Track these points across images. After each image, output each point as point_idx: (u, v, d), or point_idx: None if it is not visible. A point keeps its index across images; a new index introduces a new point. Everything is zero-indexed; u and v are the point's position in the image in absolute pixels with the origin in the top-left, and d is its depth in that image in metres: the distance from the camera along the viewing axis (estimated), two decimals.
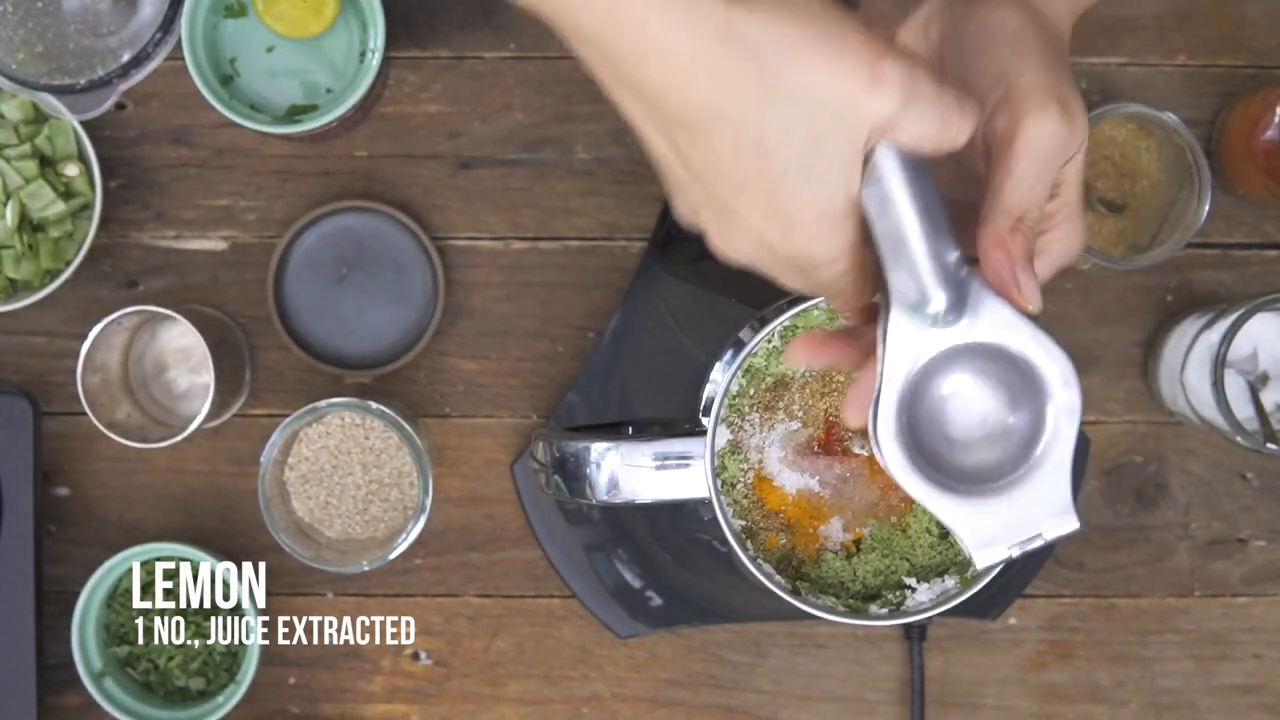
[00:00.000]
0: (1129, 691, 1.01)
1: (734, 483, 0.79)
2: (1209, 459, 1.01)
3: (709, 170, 0.54)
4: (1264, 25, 1.01)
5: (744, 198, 0.55)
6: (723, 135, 0.53)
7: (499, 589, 1.01)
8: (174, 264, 1.00)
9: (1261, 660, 1.02)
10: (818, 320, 0.79)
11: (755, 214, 0.55)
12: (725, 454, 0.79)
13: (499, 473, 1.01)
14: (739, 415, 0.79)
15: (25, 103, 0.95)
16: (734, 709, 1.01)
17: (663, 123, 0.54)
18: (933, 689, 1.01)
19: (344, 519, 0.97)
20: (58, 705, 0.99)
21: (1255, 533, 1.01)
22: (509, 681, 1.01)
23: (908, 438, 0.57)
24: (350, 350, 0.99)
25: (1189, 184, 0.92)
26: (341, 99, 0.94)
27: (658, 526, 0.95)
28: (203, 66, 0.94)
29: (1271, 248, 1.01)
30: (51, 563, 0.99)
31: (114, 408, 0.95)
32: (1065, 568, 1.01)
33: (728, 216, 0.56)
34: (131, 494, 1.00)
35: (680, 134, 0.54)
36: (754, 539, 0.79)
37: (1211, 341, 0.91)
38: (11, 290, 0.96)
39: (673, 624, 0.99)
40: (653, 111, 0.54)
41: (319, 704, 1.00)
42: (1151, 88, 1.01)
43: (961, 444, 0.58)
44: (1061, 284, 1.01)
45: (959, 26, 0.62)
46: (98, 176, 0.95)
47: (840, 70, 0.52)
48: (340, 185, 1.00)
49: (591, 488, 0.77)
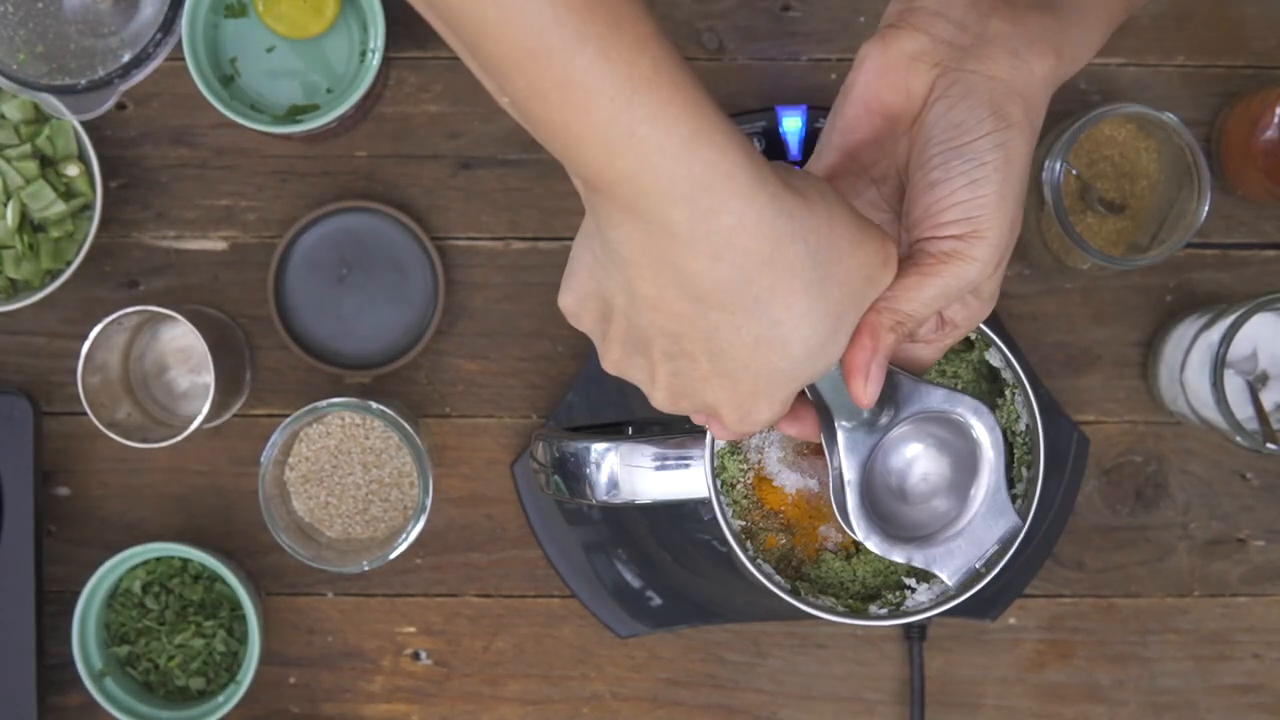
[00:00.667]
0: (1129, 691, 1.01)
1: (734, 483, 0.79)
2: (1209, 459, 1.01)
3: (703, 341, 0.56)
4: (1263, 25, 1.01)
5: (728, 371, 0.56)
6: (749, 313, 0.54)
7: (499, 589, 1.01)
8: (174, 264, 1.00)
9: (1261, 660, 1.02)
10: None
11: (724, 386, 0.57)
12: (725, 454, 0.79)
13: (499, 473, 1.01)
14: None
15: (26, 103, 0.95)
16: (734, 709, 1.01)
17: (681, 282, 0.54)
18: (933, 689, 1.01)
19: (344, 519, 0.97)
20: (58, 705, 0.99)
21: (1255, 533, 1.01)
22: (509, 681, 1.01)
23: (870, 514, 0.64)
24: (350, 350, 0.99)
25: (1189, 184, 0.92)
26: (342, 99, 0.94)
27: (658, 526, 0.95)
28: (203, 67, 0.94)
29: (1271, 248, 1.01)
30: (52, 563, 0.99)
31: (114, 408, 0.95)
32: (1065, 568, 1.01)
33: (685, 381, 0.58)
34: (132, 494, 1.00)
35: (695, 297, 0.54)
36: (754, 539, 0.79)
37: (1211, 341, 0.91)
38: (12, 290, 0.96)
39: (673, 624, 0.99)
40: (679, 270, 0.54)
41: (319, 704, 1.00)
42: (1151, 88, 1.01)
43: (914, 501, 0.66)
44: (1061, 284, 1.01)
45: (965, 114, 0.62)
46: (98, 177, 0.95)
47: (869, 251, 0.56)
48: (340, 185, 1.00)
49: (591, 488, 0.77)
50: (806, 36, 1.01)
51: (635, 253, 0.54)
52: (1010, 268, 1.01)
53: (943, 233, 0.61)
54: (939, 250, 0.60)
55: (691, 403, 0.59)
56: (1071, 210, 0.95)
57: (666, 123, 0.50)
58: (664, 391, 0.59)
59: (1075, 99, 1.00)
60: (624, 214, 0.53)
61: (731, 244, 0.52)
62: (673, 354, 0.57)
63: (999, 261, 0.62)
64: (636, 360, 0.59)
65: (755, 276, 0.53)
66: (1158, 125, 0.92)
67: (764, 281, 0.54)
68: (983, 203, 0.60)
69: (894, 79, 0.63)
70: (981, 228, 0.60)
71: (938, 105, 0.62)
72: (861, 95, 0.64)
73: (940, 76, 0.62)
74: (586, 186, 0.53)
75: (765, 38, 1.01)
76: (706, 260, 0.53)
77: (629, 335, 0.58)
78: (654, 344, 0.57)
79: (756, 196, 0.52)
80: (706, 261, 0.53)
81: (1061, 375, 1.01)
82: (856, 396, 0.60)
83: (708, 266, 0.53)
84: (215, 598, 0.97)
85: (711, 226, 0.52)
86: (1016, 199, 0.61)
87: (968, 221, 0.60)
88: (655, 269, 0.54)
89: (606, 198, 0.53)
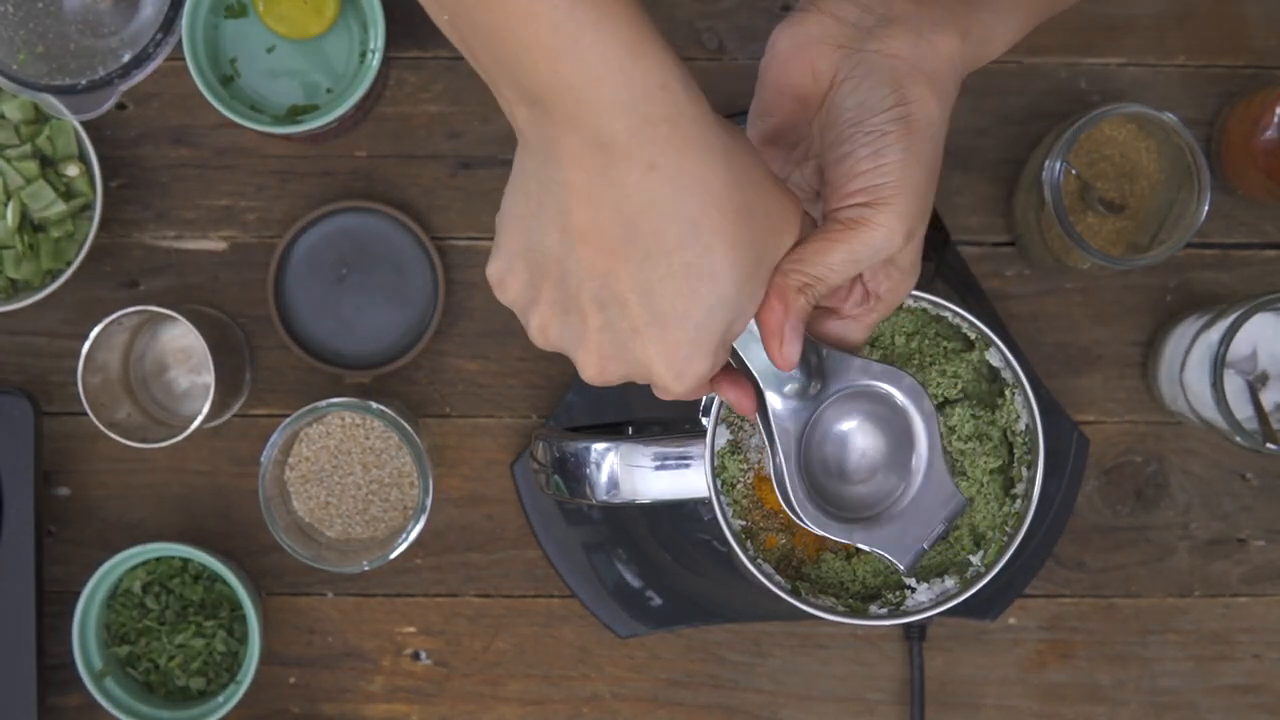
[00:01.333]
0: (1129, 691, 1.01)
1: (734, 483, 0.79)
2: (1209, 459, 1.01)
3: (634, 276, 0.56)
4: (1264, 25, 1.01)
5: (658, 313, 0.56)
6: (681, 238, 0.55)
7: (499, 589, 1.01)
8: (174, 264, 1.00)
9: (1261, 660, 1.02)
10: None
11: (655, 339, 0.57)
12: (725, 454, 0.79)
13: (499, 473, 1.01)
14: (739, 415, 0.79)
15: (26, 103, 0.95)
16: (734, 709, 1.01)
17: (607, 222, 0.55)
18: (933, 689, 1.01)
19: (344, 519, 0.97)
20: (58, 705, 0.99)
21: (1255, 533, 1.01)
22: (509, 681, 1.01)
23: (813, 495, 0.65)
24: (350, 350, 0.99)
25: (1189, 184, 0.92)
26: (342, 99, 0.94)
27: (658, 526, 0.95)
28: (203, 67, 0.94)
29: (1271, 248, 1.01)
30: (52, 563, 0.99)
31: (114, 408, 0.95)
32: (1065, 568, 1.01)
33: (615, 336, 0.58)
34: (132, 494, 1.00)
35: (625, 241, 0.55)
36: (754, 539, 0.79)
37: (1211, 341, 0.91)
38: (12, 290, 0.96)
39: (673, 624, 0.99)
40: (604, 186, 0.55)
41: (319, 704, 1.00)
42: (1151, 88, 1.01)
43: (855, 480, 0.67)
44: (1061, 284, 1.01)
45: (868, 93, 0.63)
46: (98, 177, 0.95)
47: (779, 200, 0.58)
48: (340, 185, 1.00)
49: (591, 488, 0.77)
50: None
51: (571, 171, 0.54)
52: (1010, 268, 1.01)
53: (848, 201, 0.62)
54: (845, 217, 0.62)
55: (622, 365, 0.59)
56: (1071, 210, 0.95)
57: (609, 30, 0.52)
58: (594, 355, 0.59)
59: (1075, 99, 1.00)
60: (563, 129, 0.53)
61: (666, 154, 0.53)
62: (603, 300, 0.57)
63: (909, 231, 0.62)
64: (567, 320, 0.59)
65: (688, 193, 0.54)
66: (1158, 125, 0.92)
67: (695, 200, 0.54)
68: (885, 170, 0.62)
69: (801, 62, 0.65)
70: (885, 195, 0.61)
71: (844, 86, 0.64)
72: (774, 79, 0.66)
73: (845, 58, 0.64)
74: (528, 103, 0.54)
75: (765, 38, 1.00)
76: (642, 171, 0.54)
77: (559, 289, 0.58)
78: (583, 291, 0.57)
79: (692, 111, 0.54)
80: (642, 173, 0.54)
81: (1061, 375, 1.01)
82: (775, 359, 0.61)
83: (642, 178, 0.54)
84: (215, 598, 0.97)
85: (649, 136, 0.53)
86: (925, 170, 0.62)
87: (872, 190, 0.62)
88: (590, 189, 0.54)
89: (545, 113, 0.53)
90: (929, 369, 0.80)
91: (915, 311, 0.79)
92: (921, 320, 0.80)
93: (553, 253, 0.57)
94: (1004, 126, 1.01)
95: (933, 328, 0.80)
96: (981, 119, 1.01)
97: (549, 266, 0.58)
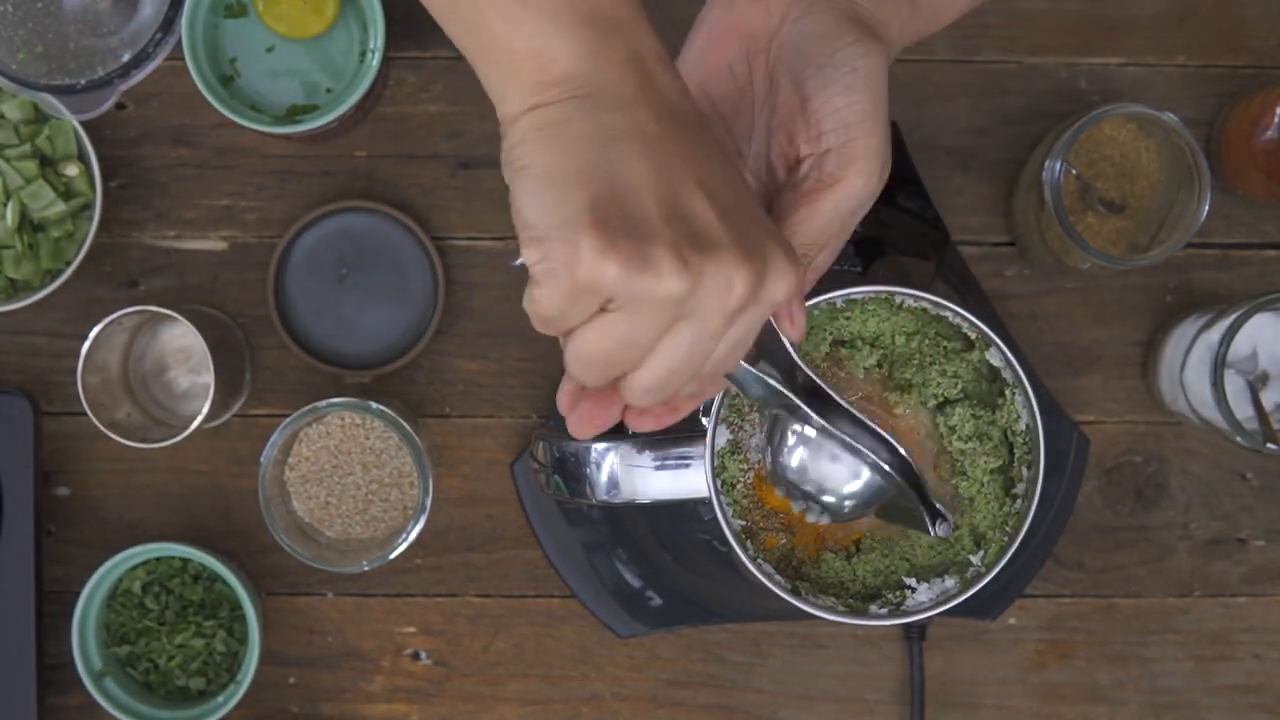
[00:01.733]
0: (1129, 691, 1.01)
1: (734, 483, 0.79)
2: (1209, 459, 1.01)
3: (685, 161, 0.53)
4: (1263, 25, 1.01)
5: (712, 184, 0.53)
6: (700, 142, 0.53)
7: (499, 589, 1.01)
8: (174, 264, 1.00)
9: (1261, 660, 1.02)
10: (817, 320, 0.79)
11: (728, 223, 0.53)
12: (725, 454, 0.79)
13: (499, 473, 1.01)
14: (739, 415, 0.79)
15: (26, 103, 0.95)
16: (734, 709, 1.01)
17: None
18: (933, 689, 1.01)
19: (344, 519, 0.97)
20: (58, 705, 0.99)
21: (1255, 533, 1.01)
22: (509, 681, 1.01)
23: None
24: (350, 350, 0.99)
25: (1189, 184, 0.92)
26: (341, 99, 0.94)
27: (658, 526, 0.95)
28: (203, 66, 0.94)
29: (1271, 248, 1.01)
30: (52, 563, 0.99)
31: (114, 408, 0.95)
32: (1065, 568, 1.01)
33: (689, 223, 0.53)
34: (131, 494, 1.00)
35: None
36: (754, 539, 0.79)
37: (1211, 341, 0.91)
38: (12, 290, 0.96)
39: (673, 624, 0.99)
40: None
41: (319, 704, 1.00)
42: (1151, 88, 1.01)
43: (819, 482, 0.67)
44: (1061, 284, 1.01)
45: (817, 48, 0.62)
46: (98, 176, 0.95)
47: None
48: (340, 185, 1.00)
49: (591, 488, 0.77)
50: None
51: (631, 87, 0.52)
52: (1010, 268, 1.01)
53: (823, 144, 0.60)
54: (824, 173, 0.60)
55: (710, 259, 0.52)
56: (1071, 210, 0.95)
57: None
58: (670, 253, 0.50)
59: (1075, 99, 1.00)
60: (617, 51, 0.52)
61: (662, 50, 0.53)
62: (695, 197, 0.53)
63: (881, 175, 0.61)
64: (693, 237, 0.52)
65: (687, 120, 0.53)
66: (1158, 125, 0.92)
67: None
68: (859, 110, 0.60)
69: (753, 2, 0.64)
70: (860, 135, 0.60)
71: (799, 22, 0.63)
72: (721, 16, 0.64)
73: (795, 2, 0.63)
74: (587, 25, 0.52)
75: None
76: (666, 66, 0.53)
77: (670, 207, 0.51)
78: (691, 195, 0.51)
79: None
80: (666, 67, 0.53)
81: (1061, 375, 1.01)
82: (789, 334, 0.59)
83: (666, 72, 0.53)
84: (215, 598, 0.97)
85: (651, 35, 0.53)
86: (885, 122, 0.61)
87: (846, 130, 0.60)
88: (647, 97, 0.52)
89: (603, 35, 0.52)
90: (929, 369, 0.80)
91: (915, 311, 0.79)
92: (921, 320, 0.80)
93: (642, 175, 0.51)
94: (1004, 126, 1.01)
95: (933, 328, 0.80)
96: (981, 119, 1.01)
97: (643, 193, 0.50)
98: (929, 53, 1.00)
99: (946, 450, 0.80)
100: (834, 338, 0.80)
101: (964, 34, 1.00)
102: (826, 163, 0.61)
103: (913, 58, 1.00)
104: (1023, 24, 1.01)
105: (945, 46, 1.00)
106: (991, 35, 1.01)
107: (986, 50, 1.01)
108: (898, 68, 1.00)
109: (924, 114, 1.00)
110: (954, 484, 0.80)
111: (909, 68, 1.00)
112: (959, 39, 1.00)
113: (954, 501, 0.80)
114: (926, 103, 1.00)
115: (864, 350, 0.79)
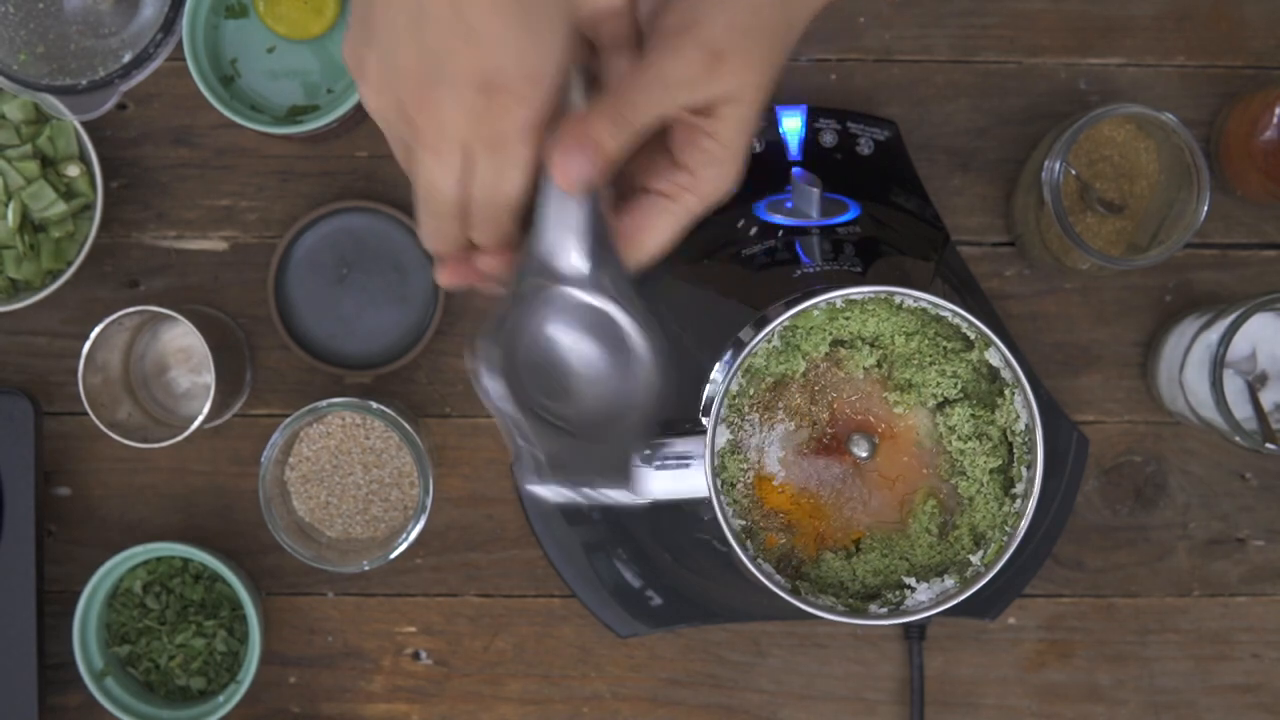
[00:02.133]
0: (1128, 691, 1.02)
1: (734, 483, 0.79)
2: (1208, 459, 1.01)
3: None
4: (1263, 26, 1.01)
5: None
6: None
7: (499, 589, 1.01)
8: (175, 264, 1.00)
9: (1260, 660, 1.02)
10: (817, 320, 0.79)
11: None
12: (725, 454, 0.79)
13: (499, 473, 1.01)
14: (739, 415, 0.79)
15: (27, 103, 0.95)
16: (734, 709, 1.01)
17: None
18: (932, 689, 1.01)
19: (344, 519, 0.97)
20: (59, 704, 0.99)
21: (1254, 533, 1.02)
22: (509, 681, 1.01)
23: (514, 374, 0.63)
24: (350, 350, 0.99)
25: (1188, 184, 0.92)
26: (342, 99, 0.94)
27: (658, 526, 0.95)
28: (203, 67, 0.94)
29: (1270, 248, 1.01)
30: (52, 563, 0.99)
31: (115, 408, 0.95)
32: (1064, 567, 1.01)
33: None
34: (132, 494, 1.00)
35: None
36: (754, 539, 0.79)
37: (1210, 341, 0.91)
38: (13, 290, 0.96)
39: (673, 624, 0.99)
40: None
41: (319, 704, 1.00)
42: (1151, 88, 1.01)
43: (563, 381, 0.63)
44: (1061, 284, 1.01)
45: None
46: (99, 177, 0.95)
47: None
48: (340, 185, 1.00)
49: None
50: (806, 37, 1.00)
51: None
52: (1010, 268, 1.01)
53: (668, 16, 0.57)
54: (657, 38, 0.57)
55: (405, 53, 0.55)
56: (1071, 210, 0.95)
57: None
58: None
59: (1075, 99, 1.00)
60: None
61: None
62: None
63: (713, 70, 0.57)
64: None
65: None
66: (1157, 125, 0.93)
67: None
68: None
69: None
70: (699, 17, 0.57)
71: None
72: None
73: None
74: None
75: None
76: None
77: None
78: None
79: None
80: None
81: (1061, 375, 1.01)
82: (556, 174, 0.58)
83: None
84: (216, 598, 0.97)
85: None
86: (767, 31, 0.57)
87: (690, 7, 0.57)
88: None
89: None
90: (928, 369, 0.80)
91: (915, 311, 0.80)
92: (921, 320, 0.80)
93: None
94: (1004, 126, 1.01)
95: (933, 328, 0.80)
96: (981, 119, 1.01)
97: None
98: (929, 53, 1.00)
99: (946, 450, 0.80)
100: (834, 338, 0.80)
101: (964, 34, 1.01)
102: (668, 22, 0.57)
103: (913, 58, 1.01)
104: (1022, 24, 1.01)
105: (945, 47, 1.01)
106: (991, 35, 1.01)
107: (986, 50, 1.01)
108: (898, 67, 1.00)
109: (924, 114, 1.00)
110: (953, 484, 0.80)
111: (909, 68, 1.00)
112: (959, 39, 1.01)
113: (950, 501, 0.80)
114: (926, 103, 1.00)
115: (863, 350, 0.79)
